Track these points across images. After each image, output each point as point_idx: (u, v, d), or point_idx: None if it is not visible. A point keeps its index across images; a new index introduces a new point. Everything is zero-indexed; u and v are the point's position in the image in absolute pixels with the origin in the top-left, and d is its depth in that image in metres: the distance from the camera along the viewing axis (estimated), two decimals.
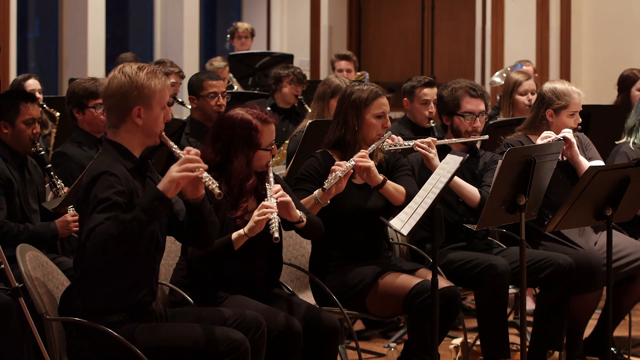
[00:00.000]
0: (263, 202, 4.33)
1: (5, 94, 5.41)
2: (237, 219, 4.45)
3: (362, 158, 4.82)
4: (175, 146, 3.89)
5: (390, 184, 4.93)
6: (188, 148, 3.84)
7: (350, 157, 4.90)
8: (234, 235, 4.37)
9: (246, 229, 4.34)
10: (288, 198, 4.40)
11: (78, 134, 5.64)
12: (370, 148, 4.93)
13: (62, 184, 5.24)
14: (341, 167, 4.74)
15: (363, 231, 5.03)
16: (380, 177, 4.90)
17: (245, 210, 4.47)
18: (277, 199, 4.35)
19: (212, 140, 4.53)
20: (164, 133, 3.96)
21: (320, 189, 4.75)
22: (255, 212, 4.32)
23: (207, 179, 3.81)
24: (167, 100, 3.96)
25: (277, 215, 4.29)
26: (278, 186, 4.42)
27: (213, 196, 3.84)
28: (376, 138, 5.00)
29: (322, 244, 5.01)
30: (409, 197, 4.83)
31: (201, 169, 3.78)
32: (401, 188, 4.96)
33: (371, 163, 4.85)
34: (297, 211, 4.46)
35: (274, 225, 4.25)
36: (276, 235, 4.22)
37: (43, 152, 5.29)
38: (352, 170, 4.78)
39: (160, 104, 3.92)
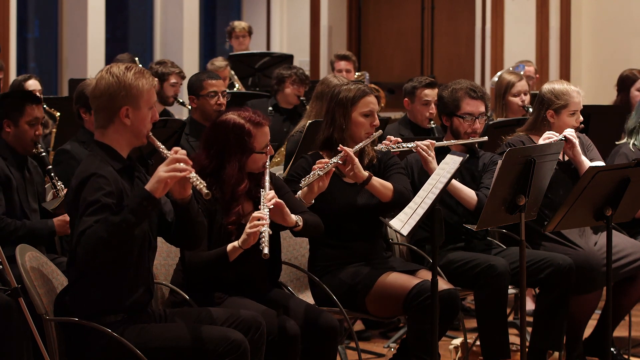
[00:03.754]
0: (254, 214, 4.30)
1: (11, 94, 5.44)
2: (230, 224, 4.43)
3: (345, 154, 4.79)
4: (163, 146, 3.88)
5: (375, 180, 4.91)
6: (175, 148, 3.83)
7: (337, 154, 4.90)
8: (229, 247, 4.34)
9: (240, 241, 4.31)
10: (282, 204, 4.38)
11: (83, 133, 5.68)
12: (357, 146, 4.91)
13: (62, 186, 5.25)
14: (322, 165, 4.73)
15: (355, 228, 5.01)
16: (365, 173, 4.87)
17: (238, 215, 4.45)
18: (269, 206, 4.32)
19: (206, 146, 4.52)
20: (151, 133, 3.95)
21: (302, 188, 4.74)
22: (248, 225, 4.29)
23: (194, 179, 3.80)
24: (154, 100, 3.96)
25: (268, 227, 4.25)
26: (271, 193, 4.40)
27: (202, 197, 3.84)
28: (365, 137, 4.99)
29: (321, 244, 5.01)
30: (397, 193, 4.84)
31: (189, 169, 3.78)
32: (388, 184, 4.94)
33: (355, 159, 4.82)
34: (292, 216, 4.44)
35: (264, 239, 4.20)
36: (265, 251, 4.17)
37: (44, 154, 5.30)
38: (333, 169, 4.76)
39: (148, 104, 3.91)
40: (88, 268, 3.78)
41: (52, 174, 5.28)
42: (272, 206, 4.32)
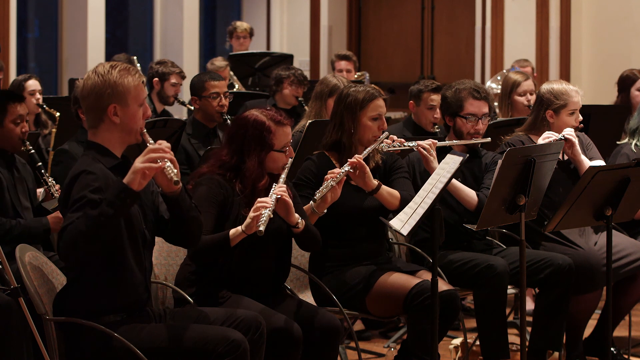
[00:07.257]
0: (259, 199, 4.32)
1: None
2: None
3: (357, 161, 4.80)
4: (152, 142, 3.86)
5: (384, 189, 4.92)
6: (160, 141, 3.79)
7: (347, 160, 4.90)
8: (232, 231, 4.34)
9: (243, 226, 4.32)
10: (289, 199, 4.39)
11: (82, 133, 5.69)
12: (365, 152, 4.91)
13: (54, 182, 5.26)
14: (334, 175, 4.73)
15: (362, 230, 5.03)
16: (375, 182, 4.88)
17: None
18: (277, 195, 4.34)
19: (227, 141, 4.54)
20: (145, 130, 3.94)
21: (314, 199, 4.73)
22: (252, 209, 4.30)
23: (168, 169, 3.77)
24: (144, 96, 3.94)
25: (270, 211, 4.26)
26: (284, 186, 4.41)
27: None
28: (372, 140, 5.00)
29: (327, 245, 5.00)
30: (404, 202, 4.82)
31: (165, 159, 3.74)
32: (395, 193, 4.95)
33: (366, 167, 4.83)
34: (296, 215, 4.45)
35: (262, 219, 4.22)
36: (261, 228, 4.18)
37: (33, 151, 5.31)
38: (345, 178, 4.76)
39: (137, 101, 3.90)
40: (69, 262, 3.79)
41: (43, 171, 5.29)
42: (280, 195, 4.32)
